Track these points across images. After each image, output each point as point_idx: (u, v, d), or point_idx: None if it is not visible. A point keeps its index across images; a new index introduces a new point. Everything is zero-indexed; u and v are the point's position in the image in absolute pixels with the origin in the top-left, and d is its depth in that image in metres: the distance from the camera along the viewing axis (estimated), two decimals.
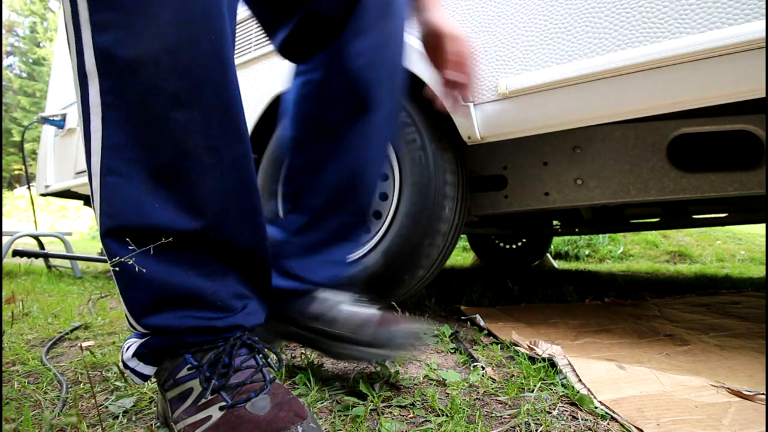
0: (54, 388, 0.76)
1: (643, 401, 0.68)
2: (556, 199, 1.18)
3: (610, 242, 5.16)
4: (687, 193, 1.05)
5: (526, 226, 2.98)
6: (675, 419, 0.62)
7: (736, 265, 4.45)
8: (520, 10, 1.05)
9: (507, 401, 0.73)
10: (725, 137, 1.09)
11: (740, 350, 1.01)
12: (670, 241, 5.23)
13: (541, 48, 1.01)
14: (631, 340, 1.10)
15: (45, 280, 2.23)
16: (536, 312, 1.46)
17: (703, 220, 2.18)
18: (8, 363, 0.89)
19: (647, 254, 5.03)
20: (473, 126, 1.10)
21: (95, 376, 0.82)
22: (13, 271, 2.58)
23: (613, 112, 0.94)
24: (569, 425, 0.63)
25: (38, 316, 1.32)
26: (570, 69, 0.94)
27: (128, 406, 0.67)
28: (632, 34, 0.89)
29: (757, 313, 1.47)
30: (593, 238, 5.08)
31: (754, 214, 1.99)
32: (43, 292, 1.84)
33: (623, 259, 4.94)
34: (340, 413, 0.66)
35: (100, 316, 1.34)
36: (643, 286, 2.34)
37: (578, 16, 0.96)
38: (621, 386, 0.74)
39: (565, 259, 4.99)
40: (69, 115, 2.92)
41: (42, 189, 3.10)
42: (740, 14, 0.78)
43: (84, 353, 0.93)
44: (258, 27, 1.69)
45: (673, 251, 5.02)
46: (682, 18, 0.84)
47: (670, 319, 1.38)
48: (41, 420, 0.62)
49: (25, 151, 3.61)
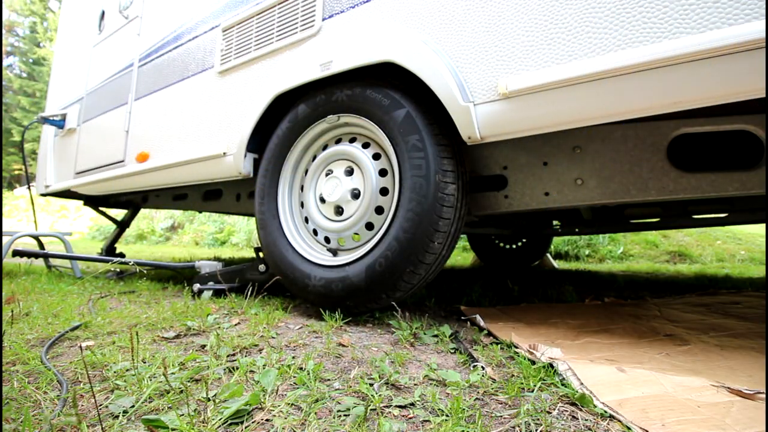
0: (54, 388, 0.76)
1: (646, 402, 0.68)
2: (556, 199, 1.18)
3: (610, 242, 5.16)
4: (687, 193, 1.05)
5: (526, 226, 2.98)
6: (680, 419, 0.62)
7: (736, 265, 4.45)
8: (520, 10, 1.05)
9: (507, 401, 0.72)
10: (725, 137, 1.09)
11: (740, 350, 1.01)
12: (670, 241, 5.23)
13: (541, 48, 1.00)
14: (631, 340, 1.10)
15: (45, 280, 2.23)
16: (536, 312, 1.46)
17: (703, 220, 2.18)
18: (8, 363, 0.89)
19: (647, 254, 5.03)
20: (473, 126, 1.10)
21: (95, 376, 0.82)
22: (13, 271, 2.58)
23: (613, 112, 0.94)
24: (569, 425, 0.63)
25: (38, 316, 1.32)
26: (570, 69, 0.94)
27: (128, 406, 0.67)
28: (632, 34, 0.89)
29: (758, 313, 1.47)
30: (593, 238, 5.08)
31: (754, 214, 1.98)
32: (43, 292, 1.84)
33: (623, 259, 4.94)
34: (340, 413, 0.66)
35: (100, 316, 1.34)
36: (643, 286, 2.34)
37: (578, 16, 0.96)
38: (623, 388, 0.74)
39: (565, 259, 4.99)
40: (69, 115, 2.92)
41: (42, 189, 3.10)
42: (740, 14, 0.78)
43: (84, 353, 0.93)
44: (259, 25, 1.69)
45: (673, 251, 5.02)
46: (682, 18, 0.84)
47: (671, 319, 1.38)
48: (41, 420, 0.62)
49: (25, 151, 3.61)
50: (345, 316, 1.30)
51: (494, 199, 1.28)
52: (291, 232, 1.52)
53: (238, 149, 1.70)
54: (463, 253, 5.11)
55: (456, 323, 1.33)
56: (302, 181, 1.57)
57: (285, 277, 1.46)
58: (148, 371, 0.82)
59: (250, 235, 8.11)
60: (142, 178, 2.24)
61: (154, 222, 10.38)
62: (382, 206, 1.32)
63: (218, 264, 1.85)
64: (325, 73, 1.41)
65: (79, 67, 2.96)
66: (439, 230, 1.16)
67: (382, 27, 1.30)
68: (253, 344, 1.03)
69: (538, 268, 3.53)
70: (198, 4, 2.03)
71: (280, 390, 0.75)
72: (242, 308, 1.44)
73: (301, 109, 1.51)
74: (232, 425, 0.63)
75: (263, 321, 1.25)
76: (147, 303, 1.65)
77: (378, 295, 1.24)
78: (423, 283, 1.26)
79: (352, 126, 1.45)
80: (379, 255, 1.22)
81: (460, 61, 1.14)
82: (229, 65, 1.80)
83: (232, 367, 0.86)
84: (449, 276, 2.74)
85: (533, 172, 1.20)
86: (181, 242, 9.32)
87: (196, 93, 1.97)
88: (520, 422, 0.63)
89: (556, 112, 0.99)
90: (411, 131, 1.21)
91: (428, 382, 0.82)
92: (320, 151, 1.54)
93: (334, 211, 1.41)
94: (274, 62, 1.64)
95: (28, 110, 20.37)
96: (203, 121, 1.91)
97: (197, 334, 1.15)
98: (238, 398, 0.69)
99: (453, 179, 1.18)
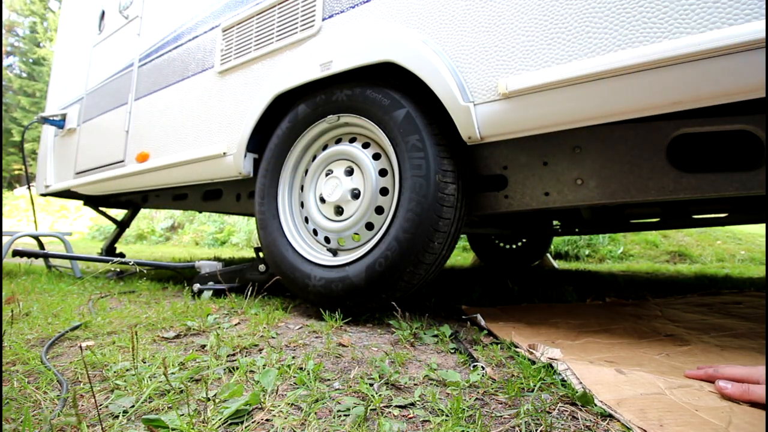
0: (54, 388, 0.76)
1: (644, 402, 0.68)
2: (556, 199, 1.18)
3: (610, 242, 5.16)
4: (687, 193, 1.05)
5: (526, 226, 2.98)
6: (678, 421, 0.62)
7: (736, 265, 4.45)
8: (520, 10, 1.05)
9: (507, 401, 0.72)
10: (725, 137, 1.09)
11: (740, 350, 1.01)
12: (670, 241, 5.23)
13: (541, 48, 1.00)
14: (631, 340, 1.10)
15: (45, 280, 2.23)
16: (536, 312, 1.46)
17: (703, 220, 2.18)
18: (8, 363, 0.89)
19: (647, 254, 5.03)
20: (473, 126, 1.10)
21: (95, 376, 0.82)
22: (13, 271, 2.58)
23: (613, 112, 0.94)
24: (569, 425, 0.63)
25: (38, 316, 1.32)
26: (570, 69, 0.94)
27: (128, 406, 0.67)
28: (632, 34, 0.89)
29: (759, 313, 1.47)
30: (593, 238, 5.08)
31: (754, 214, 1.98)
32: (43, 292, 1.84)
33: (623, 259, 4.94)
34: (340, 413, 0.66)
35: (100, 316, 1.34)
36: (643, 286, 2.34)
37: (578, 16, 0.96)
38: (621, 388, 0.74)
39: (565, 259, 4.99)
40: (69, 115, 2.92)
41: (42, 189, 3.10)
42: (740, 14, 0.78)
43: (84, 353, 0.93)
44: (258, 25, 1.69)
45: (673, 251, 5.02)
46: (682, 18, 0.84)
47: (672, 319, 1.38)
48: (41, 420, 0.62)
49: (25, 151, 3.61)
50: (345, 316, 1.30)
51: (494, 199, 1.27)
52: (291, 232, 1.52)
53: (238, 149, 1.70)
54: (463, 253, 5.11)
55: (456, 323, 1.33)
56: (302, 181, 1.57)
57: (285, 277, 1.46)
58: (148, 371, 0.82)
59: (250, 235, 8.11)
60: (142, 178, 2.24)
61: (154, 222, 10.38)
62: (382, 206, 1.32)
63: (218, 264, 1.85)
64: (325, 73, 1.41)
65: (79, 67, 2.96)
66: (439, 230, 1.16)
67: (382, 27, 1.30)
68: (253, 344, 1.03)
69: (538, 268, 3.53)
70: (198, 4, 2.03)
71: (280, 390, 0.75)
72: (242, 308, 1.44)
73: (301, 109, 1.51)
74: (232, 425, 0.63)
75: (263, 321, 1.25)
76: (147, 303, 1.65)
77: (378, 295, 1.24)
78: (423, 282, 1.26)
79: (352, 126, 1.45)
80: (379, 255, 1.22)
81: (460, 61, 1.14)
82: (229, 65, 1.80)
83: (232, 367, 0.86)
84: (449, 276, 2.74)
85: (533, 172, 1.20)
86: (181, 242, 9.32)
87: (196, 93, 1.97)
88: (520, 422, 0.63)
89: (556, 112, 0.99)
90: (411, 131, 1.21)
91: (428, 382, 0.82)
92: (320, 151, 1.54)
93: (334, 211, 1.41)
94: (274, 62, 1.63)
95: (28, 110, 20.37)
96: (203, 121, 1.91)
97: (197, 334, 1.15)
98: (238, 398, 0.69)
99: (453, 179, 1.18)
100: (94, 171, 2.58)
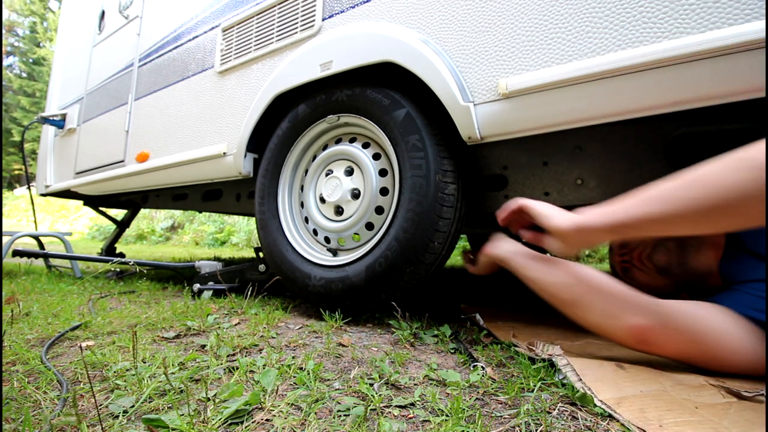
0: (54, 388, 0.76)
1: (644, 401, 0.68)
2: (556, 199, 1.18)
3: None
4: None
5: None
6: (677, 420, 0.62)
7: None
8: (520, 10, 1.05)
9: (507, 401, 0.73)
10: (725, 137, 1.09)
11: None
12: None
13: (541, 48, 1.00)
14: None
15: (45, 280, 2.23)
16: (536, 312, 1.46)
17: None
18: (8, 363, 0.89)
19: None
20: (473, 126, 1.10)
21: (95, 376, 0.82)
22: (13, 271, 2.58)
23: (613, 112, 0.94)
24: (569, 425, 0.63)
25: (38, 316, 1.32)
26: (570, 69, 0.94)
27: (128, 406, 0.67)
28: (632, 34, 0.89)
29: None
30: None
31: None
32: (43, 292, 1.84)
33: None
34: (340, 413, 0.66)
35: (100, 316, 1.34)
36: None
37: (578, 16, 0.96)
38: (621, 386, 0.74)
39: None
40: (69, 115, 2.92)
41: (42, 189, 3.10)
42: (740, 14, 0.78)
43: (84, 353, 0.93)
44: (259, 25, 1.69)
45: None
46: (682, 18, 0.84)
47: None
48: (41, 420, 0.62)
49: (25, 151, 3.61)
50: (345, 316, 1.30)
51: (494, 199, 1.27)
52: (291, 232, 1.52)
53: (238, 149, 1.70)
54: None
55: (456, 323, 1.33)
56: (302, 181, 1.57)
57: (285, 277, 1.46)
58: (148, 371, 0.82)
59: (250, 235, 8.12)
60: (142, 178, 2.24)
61: (154, 222, 10.39)
62: (382, 206, 1.32)
63: (218, 264, 1.85)
64: (325, 73, 1.41)
65: (79, 67, 2.96)
66: (439, 230, 1.16)
67: (383, 27, 1.30)
68: (253, 344, 1.03)
69: None
70: (198, 4, 2.03)
71: (280, 390, 0.75)
72: (242, 308, 1.44)
73: (301, 109, 1.51)
74: (232, 425, 0.63)
75: (263, 321, 1.25)
76: (147, 303, 1.65)
77: (378, 294, 1.24)
78: (423, 282, 1.26)
79: (352, 126, 1.45)
80: (379, 255, 1.22)
81: (460, 61, 1.14)
82: (229, 65, 1.80)
83: (232, 367, 0.86)
84: (449, 276, 2.74)
85: (533, 172, 1.20)
86: (181, 242, 9.33)
87: (196, 93, 1.97)
88: (520, 422, 0.63)
89: (556, 112, 0.99)
90: (411, 131, 1.21)
91: (428, 382, 0.82)
92: (320, 151, 1.54)
93: (334, 211, 1.41)
94: (274, 62, 1.64)
95: (28, 110, 20.38)
96: (203, 121, 1.91)
97: (197, 334, 1.15)
98: (238, 398, 0.69)
99: (453, 179, 1.18)
100: (94, 171, 2.58)
